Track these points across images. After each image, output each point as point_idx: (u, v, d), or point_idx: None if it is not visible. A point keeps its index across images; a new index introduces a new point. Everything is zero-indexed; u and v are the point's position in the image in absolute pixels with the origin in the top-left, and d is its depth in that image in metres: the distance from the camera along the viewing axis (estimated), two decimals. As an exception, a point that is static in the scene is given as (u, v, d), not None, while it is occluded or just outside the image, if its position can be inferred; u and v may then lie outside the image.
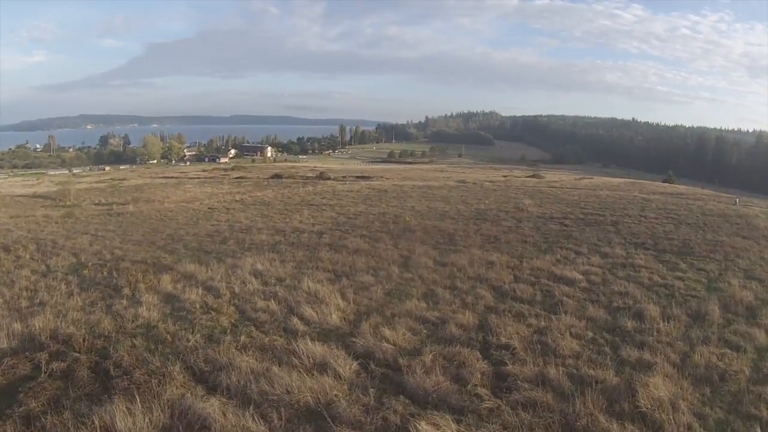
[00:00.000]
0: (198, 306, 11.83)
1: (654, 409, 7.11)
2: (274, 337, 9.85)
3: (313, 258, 17.84)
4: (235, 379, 7.73)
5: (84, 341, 9.35)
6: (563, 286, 13.87)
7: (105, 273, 15.95)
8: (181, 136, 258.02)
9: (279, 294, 12.77)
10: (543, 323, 10.78)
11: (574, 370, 8.48)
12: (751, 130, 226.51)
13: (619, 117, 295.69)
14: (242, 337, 9.68)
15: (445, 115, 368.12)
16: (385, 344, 9.43)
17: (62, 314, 11.39)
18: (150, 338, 9.79)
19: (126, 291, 13.49)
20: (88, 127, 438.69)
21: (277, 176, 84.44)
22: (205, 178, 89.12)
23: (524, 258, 17.33)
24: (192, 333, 9.92)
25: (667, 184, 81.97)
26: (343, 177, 79.00)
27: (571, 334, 10.19)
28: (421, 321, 10.97)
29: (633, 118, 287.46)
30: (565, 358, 9.00)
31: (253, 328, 10.36)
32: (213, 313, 11.21)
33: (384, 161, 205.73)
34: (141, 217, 34.21)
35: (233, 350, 8.95)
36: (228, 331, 10.22)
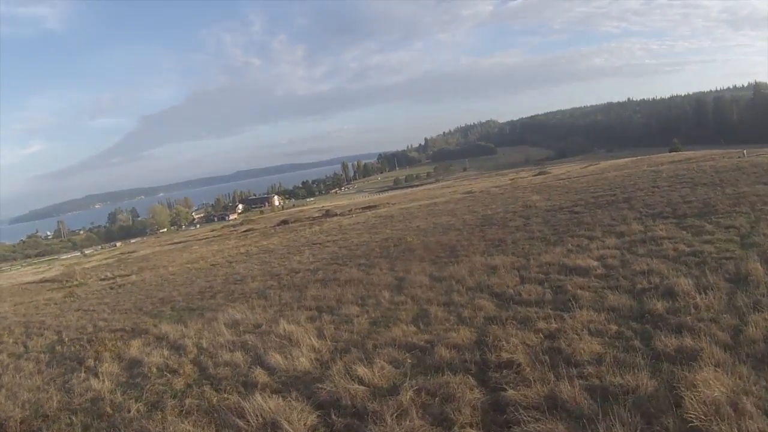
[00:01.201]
0: (155, 369, 10.89)
1: (710, 419, 5.16)
2: (225, 395, 8.53)
3: (299, 297, 16.33)
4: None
5: (21, 423, 9.03)
6: (576, 277, 11.95)
7: (78, 347, 15.20)
8: (188, 200, 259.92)
9: (249, 343, 11.43)
10: (554, 325, 8.85)
11: (596, 381, 6.60)
12: (746, 84, 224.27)
13: (615, 100, 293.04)
14: (188, 400, 8.54)
15: (444, 133, 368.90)
16: (356, 386, 7.75)
17: (13, 395, 10.99)
18: (91, 413, 9.04)
19: (89, 362, 12.74)
20: (97, 206, 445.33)
21: (284, 222, 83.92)
22: (213, 237, 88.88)
23: (531, 255, 15.41)
24: (136, 402, 9.01)
25: (674, 153, 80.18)
26: (349, 211, 78.06)
27: (589, 332, 8.28)
28: (406, 349, 9.21)
29: (629, 98, 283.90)
30: (583, 366, 7.11)
31: (207, 388, 9.13)
32: (169, 375, 10.29)
33: (391, 189, 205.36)
34: (141, 286, 33.25)
35: (173, 417, 7.93)
36: (178, 394, 9.17)
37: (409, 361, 8.57)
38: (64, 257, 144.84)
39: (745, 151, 40.07)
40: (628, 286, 10.50)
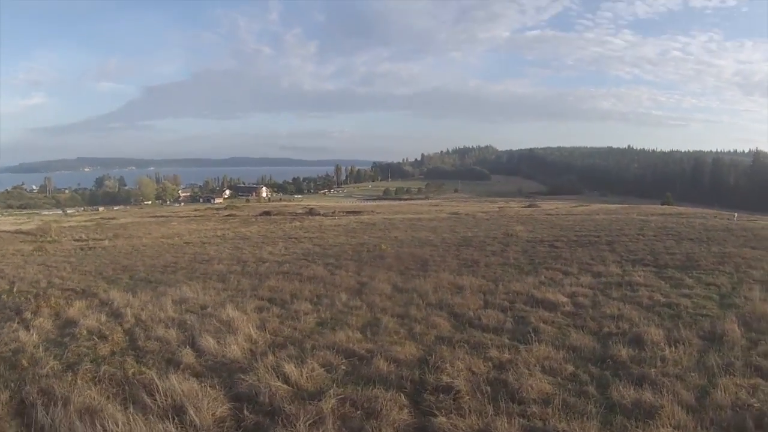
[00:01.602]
0: (86, 332, 10.47)
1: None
2: (144, 369, 8.06)
3: (256, 286, 15.77)
4: (58, 417, 6.29)
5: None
6: (543, 311, 11.22)
7: (23, 299, 14.92)
8: (177, 178, 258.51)
9: (188, 322, 10.94)
10: (507, 356, 8.13)
11: (539, 423, 5.89)
12: (747, 150, 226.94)
13: (615, 145, 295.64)
14: (105, 368, 8.12)
15: (441, 152, 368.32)
16: (279, 384, 7.09)
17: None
18: (7, 362, 8.84)
19: (27, 315, 12.48)
20: (86, 170, 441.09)
21: (267, 213, 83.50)
22: (195, 216, 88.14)
23: (501, 281, 14.80)
24: (54, 359, 8.74)
25: (665, 206, 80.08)
26: (333, 212, 77.62)
27: (543, 369, 7.56)
28: (345, 355, 8.48)
29: (629, 146, 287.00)
30: (527, 405, 6.38)
31: (129, 359, 8.73)
32: (97, 339, 9.91)
33: (379, 198, 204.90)
34: (110, 252, 32.72)
35: (83, 382, 7.53)
36: (99, 360, 8.72)
37: (344, 368, 7.87)
38: (45, 213, 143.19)
39: (735, 214, 39.96)
40: (595, 328, 9.79)
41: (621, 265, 17.23)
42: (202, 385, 7.13)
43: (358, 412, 6.32)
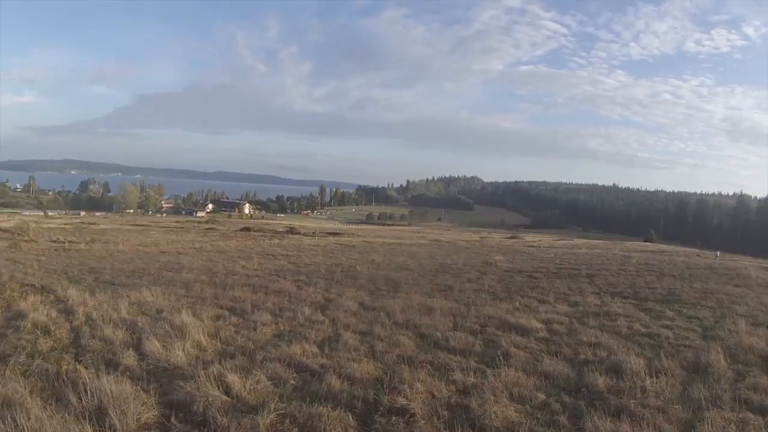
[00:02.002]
0: (31, 326, 10.24)
1: None
2: (79, 367, 7.58)
3: (219, 296, 15.23)
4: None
5: None
6: (515, 335, 10.59)
7: None
8: (161, 187, 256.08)
9: (139, 324, 10.45)
10: (472, 380, 7.46)
11: (500, 456, 5.13)
12: (731, 193, 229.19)
13: (600, 183, 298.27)
14: (38, 362, 7.82)
15: (426, 179, 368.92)
16: (217, 393, 6.47)
17: None
18: None
19: None
20: (73, 172, 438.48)
21: (246, 229, 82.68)
22: (175, 227, 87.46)
23: (474, 306, 14.18)
24: None
25: (648, 243, 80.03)
26: (313, 233, 77.08)
27: (510, 396, 6.90)
28: (298, 369, 7.83)
29: (614, 184, 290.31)
30: None
31: (67, 356, 8.33)
32: (40, 334, 9.64)
33: (362, 222, 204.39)
34: (84, 254, 32.30)
35: (12, 374, 7.19)
36: (35, 354, 8.36)
37: (293, 382, 7.19)
38: (26, 213, 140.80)
39: (718, 252, 39.92)
40: (570, 355, 9.18)
41: (600, 296, 16.70)
42: (135, 388, 6.57)
43: (296, 430, 5.69)
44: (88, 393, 6.25)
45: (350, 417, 6.00)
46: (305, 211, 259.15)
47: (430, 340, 10.04)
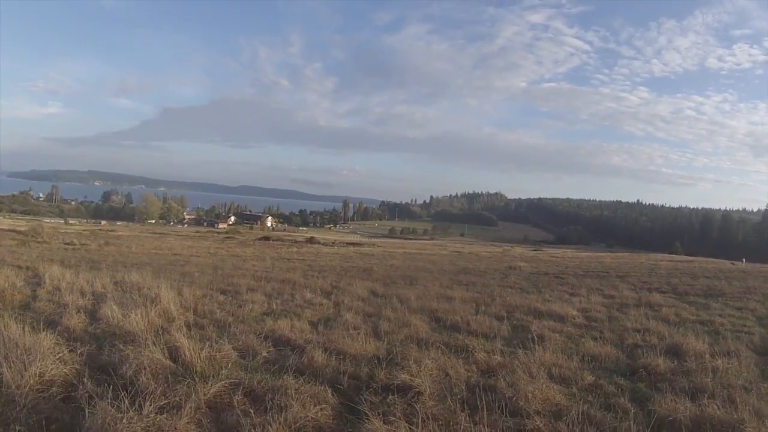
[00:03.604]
0: None
1: None
2: (13, 323, 6.26)
3: (216, 281, 13.86)
4: None
5: None
6: (548, 321, 9.10)
7: None
8: (183, 199, 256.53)
9: (108, 295, 9.41)
10: (498, 359, 5.99)
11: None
12: (756, 210, 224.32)
13: (624, 199, 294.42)
14: None
15: (450, 195, 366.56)
16: (159, 357, 5.27)
17: None
18: None
19: None
20: (97, 183, 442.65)
21: (266, 238, 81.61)
22: (193, 236, 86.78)
23: (499, 297, 12.56)
24: None
25: (674, 255, 77.66)
26: (333, 242, 76.11)
27: (550, 376, 5.47)
28: (277, 343, 6.46)
29: (638, 200, 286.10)
30: (526, 418, 4.31)
31: (6, 314, 7.20)
32: None
33: (385, 236, 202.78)
34: (92, 253, 30.83)
35: None
36: None
37: (266, 354, 5.81)
38: (47, 221, 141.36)
39: (744, 260, 38.62)
40: (615, 340, 7.70)
41: (635, 290, 15.15)
42: (59, 347, 5.44)
43: (251, 403, 4.31)
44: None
45: (329, 393, 4.62)
46: (328, 225, 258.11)
47: (448, 324, 8.58)
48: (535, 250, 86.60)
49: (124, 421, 3.63)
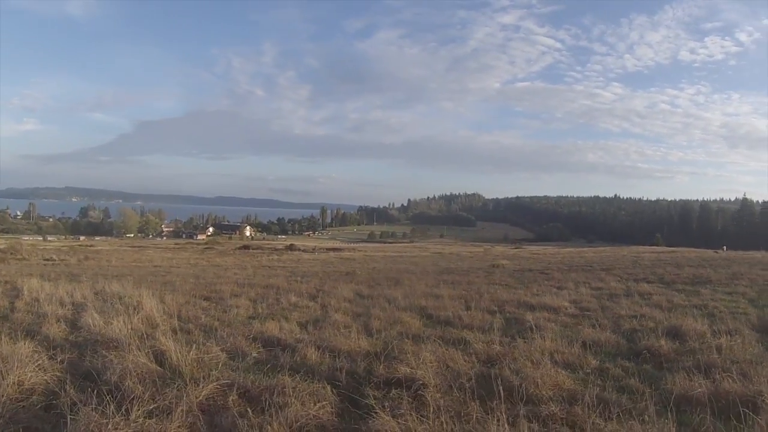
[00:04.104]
0: None
1: None
2: None
3: (198, 288, 13.83)
4: None
5: None
6: (541, 312, 8.98)
7: None
8: (161, 212, 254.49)
9: (88, 305, 9.07)
10: (498, 349, 5.87)
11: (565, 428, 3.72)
12: (733, 199, 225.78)
13: (602, 195, 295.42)
14: None
15: (428, 198, 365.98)
16: (145, 362, 5.08)
17: None
18: None
19: None
20: (74, 199, 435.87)
21: (245, 247, 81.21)
22: (173, 248, 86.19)
23: (487, 293, 12.36)
24: None
25: (655, 246, 78.26)
26: (313, 249, 75.89)
27: (554, 362, 5.30)
28: (266, 344, 6.31)
29: (615, 195, 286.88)
30: (541, 404, 4.22)
31: None
32: None
33: (364, 241, 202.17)
34: (72, 267, 30.34)
35: None
36: None
37: (256, 355, 5.65)
38: (26, 238, 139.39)
39: (725, 247, 39.30)
40: (612, 326, 7.60)
41: (622, 281, 15.09)
42: (39, 355, 5.26)
43: (246, 404, 4.15)
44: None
45: (328, 389, 4.41)
46: (307, 232, 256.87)
47: (439, 319, 8.42)
48: (516, 248, 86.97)
49: (110, 426, 3.39)
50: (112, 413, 3.54)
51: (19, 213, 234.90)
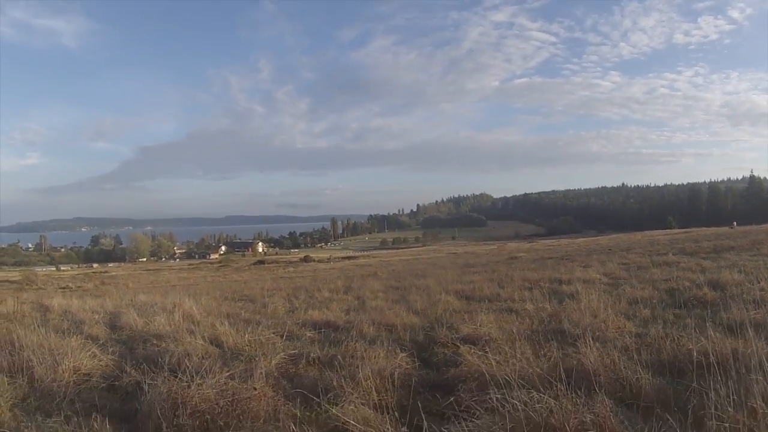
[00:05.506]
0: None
1: None
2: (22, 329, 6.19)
3: (227, 291, 14.86)
4: None
5: None
6: (576, 285, 8.96)
7: None
8: (172, 235, 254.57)
9: (122, 311, 9.11)
10: (550, 309, 6.10)
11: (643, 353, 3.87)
12: (740, 177, 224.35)
13: (608, 184, 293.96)
14: None
15: (436, 201, 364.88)
16: (200, 343, 5.27)
17: None
18: None
19: None
20: (83, 229, 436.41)
21: (260, 262, 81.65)
22: (188, 268, 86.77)
23: (517, 275, 12.48)
24: None
25: (669, 230, 78.07)
26: (328, 258, 76.19)
27: (614, 312, 5.48)
28: (316, 327, 6.40)
29: (623, 183, 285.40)
30: (614, 341, 4.30)
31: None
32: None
33: (376, 249, 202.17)
34: (88, 291, 30.98)
35: None
36: None
37: (310, 335, 5.89)
38: (39, 269, 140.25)
39: (734, 223, 39.31)
40: (650, 289, 7.67)
41: (647, 257, 15.18)
42: (89, 346, 5.26)
43: (319, 368, 4.35)
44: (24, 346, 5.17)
45: (397, 349, 4.44)
46: (319, 244, 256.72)
47: (478, 298, 8.46)
48: (530, 243, 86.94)
49: (192, 388, 3.46)
50: (189, 379, 3.60)
51: (30, 246, 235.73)
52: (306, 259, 77.69)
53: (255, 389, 3.44)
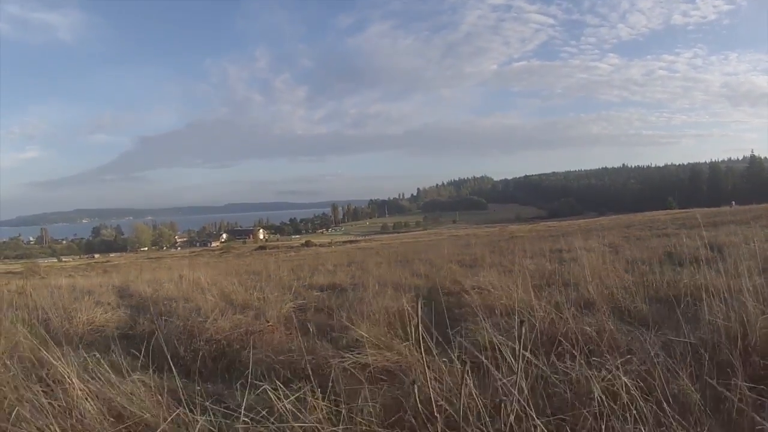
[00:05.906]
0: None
1: None
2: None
3: (232, 269, 15.55)
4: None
5: None
6: (580, 251, 9.03)
7: None
8: (173, 224, 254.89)
9: (130, 285, 9.73)
10: (550, 267, 6.40)
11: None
12: (740, 158, 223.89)
13: (609, 165, 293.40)
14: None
15: (437, 185, 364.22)
16: (210, 298, 5.66)
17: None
18: None
19: None
20: (84, 221, 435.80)
21: (262, 248, 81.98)
22: (190, 256, 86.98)
23: (517, 247, 12.65)
24: None
25: (669, 210, 78.07)
26: (329, 243, 76.51)
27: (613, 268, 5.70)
28: (322, 289, 6.90)
29: (623, 165, 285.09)
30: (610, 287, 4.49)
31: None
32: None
33: (378, 233, 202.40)
34: (94, 278, 30.84)
35: None
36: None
37: (316, 293, 6.12)
38: (41, 261, 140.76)
39: (733, 202, 39.60)
40: (649, 252, 7.96)
41: (645, 231, 15.34)
42: (101, 305, 5.79)
43: (327, 314, 4.65)
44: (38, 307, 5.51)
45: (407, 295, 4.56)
46: (320, 230, 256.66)
47: (481, 265, 8.65)
48: (531, 225, 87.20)
49: (208, 324, 3.62)
50: (204, 318, 3.75)
51: (32, 239, 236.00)
52: (307, 244, 77.99)
53: (268, 322, 3.59)
